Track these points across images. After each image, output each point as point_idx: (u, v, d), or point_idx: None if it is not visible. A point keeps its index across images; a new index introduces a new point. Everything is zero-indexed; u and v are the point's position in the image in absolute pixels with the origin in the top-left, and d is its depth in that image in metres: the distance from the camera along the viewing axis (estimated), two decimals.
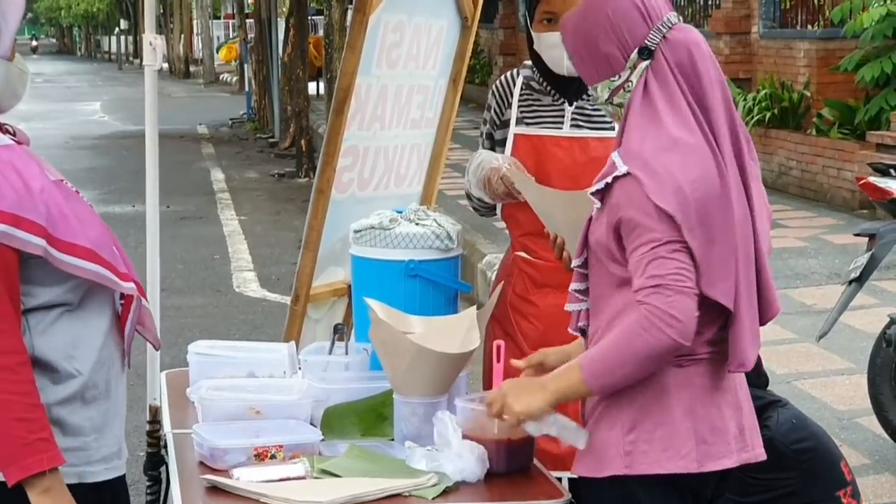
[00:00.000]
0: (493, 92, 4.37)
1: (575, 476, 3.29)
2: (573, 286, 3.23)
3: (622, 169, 3.03)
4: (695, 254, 2.97)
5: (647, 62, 3.10)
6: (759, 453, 3.21)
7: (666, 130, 3.03)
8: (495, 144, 4.33)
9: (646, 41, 3.10)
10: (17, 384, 3.08)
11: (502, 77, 4.36)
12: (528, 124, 4.23)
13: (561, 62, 4.09)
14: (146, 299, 3.54)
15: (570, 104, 4.19)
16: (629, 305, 3.02)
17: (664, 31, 3.11)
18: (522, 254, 4.25)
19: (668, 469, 3.06)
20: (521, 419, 3.16)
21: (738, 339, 3.06)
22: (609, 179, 3.05)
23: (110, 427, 3.36)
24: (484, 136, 4.38)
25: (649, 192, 2.97)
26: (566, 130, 4.18)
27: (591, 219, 3.16)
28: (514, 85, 4.30)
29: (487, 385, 3.97)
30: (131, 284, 3.36)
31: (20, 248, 3.12)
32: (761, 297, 3.12)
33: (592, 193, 3.10)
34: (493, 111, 4.34)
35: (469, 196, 4.35)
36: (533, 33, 4.18)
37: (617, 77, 3.13)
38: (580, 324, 3.27)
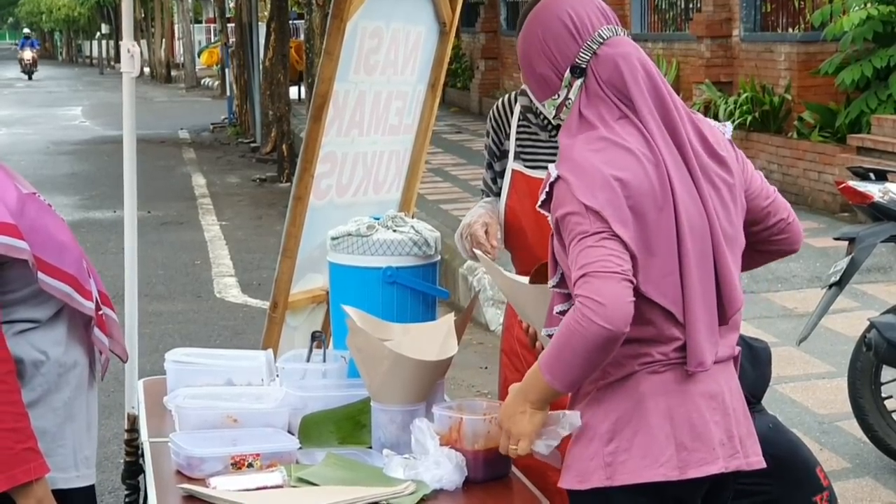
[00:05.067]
0: (490, 118, 4.28)
1: None
2: (557, 308, 3.13)
3: (553, 174, 3.06)
4: (630, 247, 2.96)
5: (580, 80, 3.14)
6: (753, 461, 3.17)
7: (596, 134, 3.07)
8: (497, 176, 4.26)
9: (576, 59, 3.14)
10: (5, 394, 3.07)
11: (499, 103, 4.26)
12: (524, 160, 4.14)
13: None
14: (113, 310, 3.51)
15: None
16: None
17: (594, 47, 3.14)
18: None
19: (648, 478, 3.03)
20: (534, 435, 3.11)
21: (693, 339, 3.05)
22: (547, 188, 3.08)
23: (64, 436, 3.34)
24: (486, 164, 4.32)
25: (576, 192, 2.98)
26: None
27: (552, 235, 3.13)
28: (512, 114, 4.21)
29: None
30: (91, 304, 3.33)
31: (5, 254, 3.11)
32: (720, 295, 3.09)
33: (540, 206, 3.11)
34: (491, 139, 4.27)
35: None
36: None
37: (557, 96, 3.18)
38: None
